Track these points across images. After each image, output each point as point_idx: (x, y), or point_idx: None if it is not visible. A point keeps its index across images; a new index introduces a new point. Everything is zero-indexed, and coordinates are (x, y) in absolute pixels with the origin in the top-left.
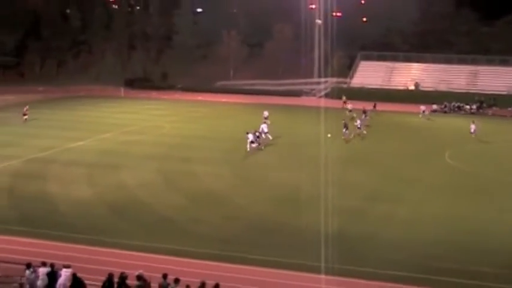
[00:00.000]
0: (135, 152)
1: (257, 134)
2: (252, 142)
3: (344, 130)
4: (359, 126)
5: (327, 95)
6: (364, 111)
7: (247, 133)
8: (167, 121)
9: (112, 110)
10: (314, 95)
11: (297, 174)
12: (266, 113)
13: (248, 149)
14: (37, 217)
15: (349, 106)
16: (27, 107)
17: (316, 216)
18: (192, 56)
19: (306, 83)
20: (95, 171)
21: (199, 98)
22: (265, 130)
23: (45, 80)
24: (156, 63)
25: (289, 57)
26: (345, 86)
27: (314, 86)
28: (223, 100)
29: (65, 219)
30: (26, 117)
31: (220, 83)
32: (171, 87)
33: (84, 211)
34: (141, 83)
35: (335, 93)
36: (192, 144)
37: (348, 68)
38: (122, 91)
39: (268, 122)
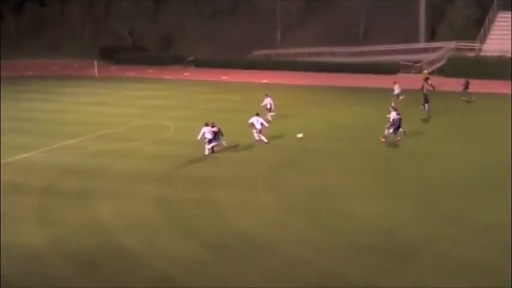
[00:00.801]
0: (118, 170)
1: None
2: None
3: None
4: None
5: (441, 71)
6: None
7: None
8: (171, 117)
9: (79, 100)
10: (420, 71)
11: (386, 206)
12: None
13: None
14: None
15: (396, 88)
16: None
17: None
18: (212, 9)
19: (404, 51)
20: (49, 202)
21: (224, 77)
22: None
23: None
24: (152, 20)
25: (375, 10)
26: (471, 55)
27: (419, 56)
28: (264, 81)
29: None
30: None
31: (258, 53)
32: (177, 61)
33: (33, 267)
34: (127, 53)
35: (454, 68)
36: (212, 157)
37: (475, 24)
38: (96, 68)
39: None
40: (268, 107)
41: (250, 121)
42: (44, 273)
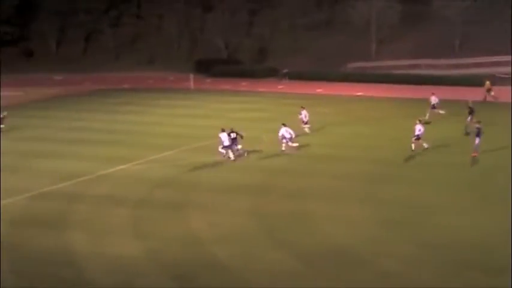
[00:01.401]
0: (212, 183)
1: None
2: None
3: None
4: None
5: None
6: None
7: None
8: (265, 130)
9: (174, 112)
10: None
11: (481, 220)
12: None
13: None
14: None
15: (433, 99)
16: (5, 113)
17: None
18: (306, 22)
19: (502, 63)
20: (144, 213)
21: (318, 90)
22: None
23: (65, 62)
24: (247, 33)
25: (471, 22)
26: None
27: None
28: (359, 93)
29: None
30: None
31: (353, 66)
32: (271, 74)
33: (128, 278)
34: (222, 67)
35: None
36: (306, 169)
37: None
38: (191, 80)
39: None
40: (305, 119)
41: (280, 133)
42: (139, 285)
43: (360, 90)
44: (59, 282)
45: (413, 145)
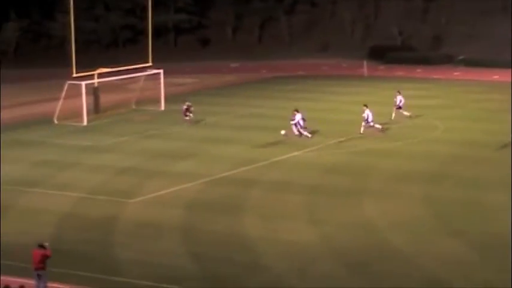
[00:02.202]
0: (385, 170)
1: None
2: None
3: None
4: None
5: None
6: None
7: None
8: (441, 117)
9: (347, 99)
10: None
11: None
12: None
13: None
14: (227, 273)
15: (398, 98)
16: (188, 103)
17: None
18: (482, 7)
19: None
20: (317, 199)
21: (495, 77)
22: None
23: (240, 50)
24: (422, 20)
25: None
26: None
27: None
28: None
29: (270, 278)
30: (188, 117)
31: None
32: (446, 60)
33: (302, 265)
34: (395, 53)
35: None
36: (481, 156)
37: None
38: (365, 67)
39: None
40: (400, 104)
41: (294, 121)
42: (313, 271)
43: None
44: (234, 266)
45: None
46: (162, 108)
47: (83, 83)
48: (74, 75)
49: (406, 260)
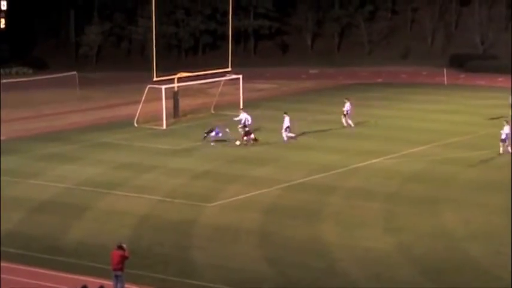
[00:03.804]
0: (466, 179)
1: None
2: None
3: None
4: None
5: None
6: None
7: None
8: None
9: (427, 108)
10: None
11: None
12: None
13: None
14: (303, 278)
15: (346, 106)
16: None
17: None
18: None
19: None
20: (396, 208)
21: None
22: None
23: (319, 57)
24: (505, 28)
25: None
26: None
27: None
28: None
29: (346, 285)
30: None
31: None
32: None
33: (378, 271)
34: (477, 62)
35: None
36: None
37: None
38: (445, 75)
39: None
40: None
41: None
42: (389, 278)
43: None
44: (310, 271)
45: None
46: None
47: (163, 87)
48: (155, 79)
49: (484, 271)
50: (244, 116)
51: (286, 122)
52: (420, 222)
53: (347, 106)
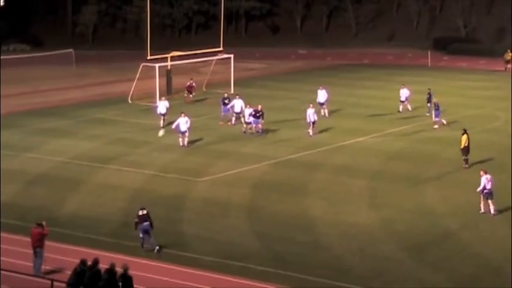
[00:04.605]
0: (446, 158)
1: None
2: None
3: None
4: None
5: None
6: None
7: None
8: (501, 108)
9: (412, 89)
10: None
11: None
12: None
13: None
14: (289, 252)
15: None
16: (191, 81)
17: None
18: None
19: None
20: (380, 185)
21: None
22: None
23: (307, 38)
24: (487, 12)
25: None
26: None
27: None
28: None
29: (331, 259)
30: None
31: None
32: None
33: (362, 246)
34: (460, 45)
35: None
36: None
37: None
38: (429, 58)
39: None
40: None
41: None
42: (372, 253)
43: None
44: (296, 245)
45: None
46: (232, 91)
47: (157, 65)
48: (149, 57)
49: (464, 247)
50: (240, 103)
51: (238, 105)
52: (402, 199)
53: (405, 92)
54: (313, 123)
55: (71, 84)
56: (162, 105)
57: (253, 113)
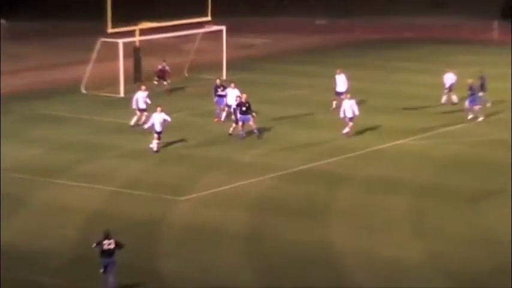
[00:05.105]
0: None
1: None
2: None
3: None
4: None
5: None
6: None
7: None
8: None
9: (470, 71)
10: None
11: None
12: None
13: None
14: None
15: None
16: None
17: None
18: None
19: None
20: (427, 204)
21: None
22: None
23: (328, 4)
24: None
25: None
26: None
27: None
28: None
29: None
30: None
31: None
32: None
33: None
34: None
35: None
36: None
37: None
38: (495, 30)
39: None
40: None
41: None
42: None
43: None
44: (314, 286)
45: None
46: (224, 77)
47: (120, 41)
48: (109, 30)
49: None
50: (235, 94)
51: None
52: (457, 224)
53: (450, 78)
54: (351, 119)
55: (1, 68)
56: (141, 98)
57: (235, 107)
